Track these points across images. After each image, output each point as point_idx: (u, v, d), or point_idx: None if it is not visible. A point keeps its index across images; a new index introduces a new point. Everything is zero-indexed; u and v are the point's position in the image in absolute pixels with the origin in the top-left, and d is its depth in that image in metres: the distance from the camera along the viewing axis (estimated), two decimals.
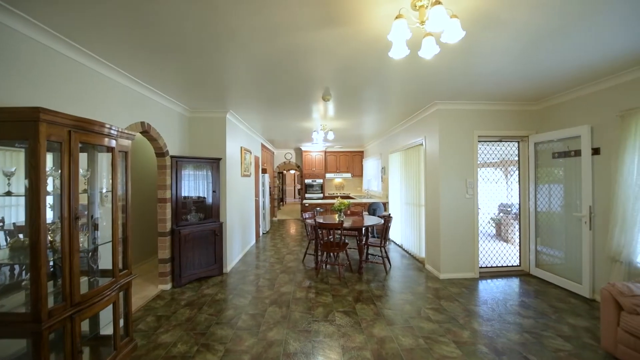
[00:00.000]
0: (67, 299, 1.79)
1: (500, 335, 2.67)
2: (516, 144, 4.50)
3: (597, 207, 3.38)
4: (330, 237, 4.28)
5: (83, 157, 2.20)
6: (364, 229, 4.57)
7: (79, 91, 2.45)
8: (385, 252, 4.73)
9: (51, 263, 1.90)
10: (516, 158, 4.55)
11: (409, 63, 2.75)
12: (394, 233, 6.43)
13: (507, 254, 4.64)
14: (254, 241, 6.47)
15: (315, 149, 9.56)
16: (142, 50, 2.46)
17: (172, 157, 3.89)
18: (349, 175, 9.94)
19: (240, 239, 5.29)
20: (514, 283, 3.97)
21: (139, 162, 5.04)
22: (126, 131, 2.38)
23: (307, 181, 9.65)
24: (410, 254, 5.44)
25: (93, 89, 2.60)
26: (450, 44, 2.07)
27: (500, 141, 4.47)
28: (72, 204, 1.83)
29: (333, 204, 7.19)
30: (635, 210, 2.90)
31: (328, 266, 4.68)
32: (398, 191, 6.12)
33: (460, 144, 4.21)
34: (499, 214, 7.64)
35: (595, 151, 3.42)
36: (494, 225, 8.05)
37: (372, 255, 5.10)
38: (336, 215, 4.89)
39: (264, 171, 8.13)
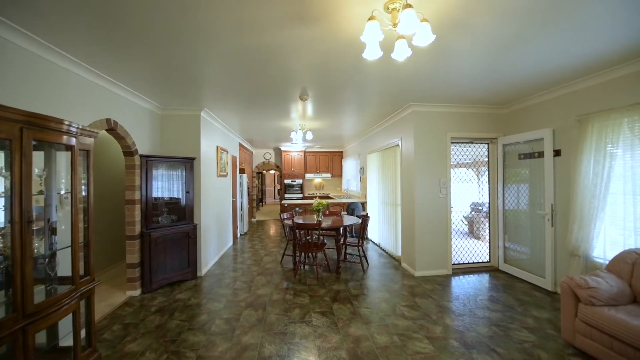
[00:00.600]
0: (18, 309, 1.65)
1: (470, 329, 2.77)
2: (486, 146, 4.71)
3: (559, 205, 3.60)
4: (308, 237, 4.26)
5: (39, 156, 2.05)
6: (341, 229, 4.59)
7: (34, 85, 2.26)
8: (363, 251, 4.79)
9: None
10: (487, 159, 4.76)
11: (384, 65, 2.79)
12: (372, 232, 6.52)
13: (478, 250, 4.84)
14: (231, 243, 6.32)
15: (294, 149, 9.51)
16: (107, 43, 2.32)
17: (141, 156, 3.71)
18: (328, 175, 9.97)
19: (216, 241, 5.15)
20: (484, 278, 4.15)
21: (108, 161, 4.77)
22: (88, 128, 2.24)
23: (286, 181, 9.57)
24: (387, 252, 5.54)
25: (51, 83, 2.42)
26: (421, 47, 2.12)
27: (472, 142, 4.65)
28: (24, 207, 1.68)
29: (312, 204, 7.19)
30: (591, 208, 3.11)
31: (306, 267, 4.66)
32: (376, 191, 6.21)
33: (434, 145, 4.34)
34: (471, 212, 7.97)
35: (557, 153, 3.64)
36: (466, 223, 8.40)
37: (351, 254, 5.14)
38: (315, 216, 4.88)
39: (242, 171, 7.97)
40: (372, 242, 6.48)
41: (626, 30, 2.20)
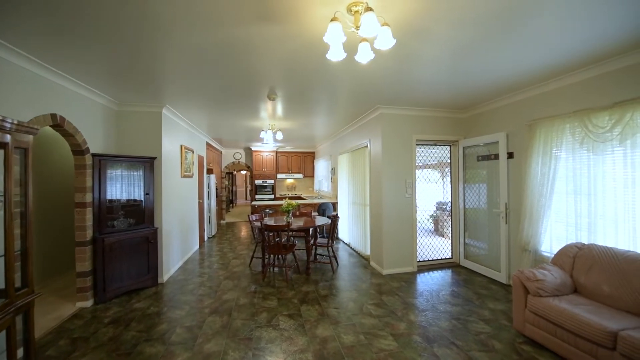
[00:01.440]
0: None
1: (432, 324, 2.88)
2: (449, 148, 4.94)
3: (512, 204, 3.87)
4: (277, 239, 4.19)
5: None
6: (311, 229, 4.58)
7: None
8: (333, 251, 4.81)
9: None
10: (449, 160, 5.00)
11: (350, 67, 2.82)
12: (343, 232, 6.59)
13: (442, 247, 5.07)
14: (197, 247, 6.06)
15: (266, 149, 9.35)
16: (51, 30, 2.11)
17: (94, 155, 3.43)
18: (300, 176, 9.93)
19: (179, 245, 4.90)
20: (447, 274, 4.35)
21: (59, 161, 4.35)
22: (27, 124, 2.02)
23: (257, 182, 9.38)
24: (357, 252, 5.62)
25: None
26: (384, 50, 2.17)
27: (435, 145, 4.86)
28: None
29: (282, 205, 7.11)
30: (539, 206, 3.38)
31: (276, 269, 4.59)
32: (346, 191, 6.28)
33: (401, 146, 4.48)
34: (437, 211, 8.36)
35: (510, 155, 3.91)
36: (432, 221, 8.78)
37: (321, 255, 5.14)
38: (285, 217, 4.82)
39: (210, 171, 7.69)
40: (343, 242, 6.55)
41: (571, 42, 2.41)
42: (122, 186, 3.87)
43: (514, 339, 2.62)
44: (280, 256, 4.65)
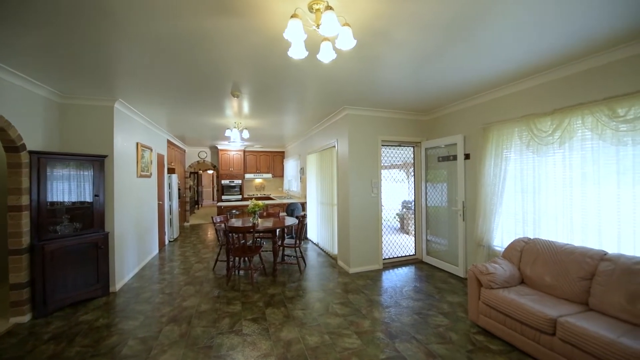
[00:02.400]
0: None
1: (395, 319, 2.96)
2: (412, 148, 5.13)
3: (468, 202, 4.10)
4: (242, 241, 4.06)
5: None
6: (278, 230, 4.50)
7: None
8: (301, 252, 4.78)
9: None
10: (413, 161, 5.19)
11: (314, 66, 2.80)
12: (312, 232, 6.58)
13: (406, 244, 5.25)
14: (156, 251, 5.70)
15: (233, 147, 9.06)
16: None
17: (31, 152, 3.07)
18: (269, 175, 9.76)
19: (135, 250, 4.57)
20: (410, 270, 4.51)
21: None
22: None
23: (224, 182, 9.06)
24: (325, 251, 5.63)
25: None
26: (345, 51, 2.17)
27: (400, 145, 5.02)
28: None
29: (267, 204, 6.93)
30: (492, 204, 3.62)
31: (241, 272, 4.45)
32: (315, 191, 6.28)
33: (367, 147, 4.56)
34: (402, 209, 8.67)
35: (467, 156, 4.14)
36: (398, 220, 9.09)
37: (288, 256, 5.08)
38: (251, 218, 4.70)
39: (172, 171, 7.28)
40: (312, 242, 6.54)
41: (518, 53, 2.59)
42: (67, 187, 3.51)
43: (469, 329, 2.77)
44: (246, 259, 4.52)
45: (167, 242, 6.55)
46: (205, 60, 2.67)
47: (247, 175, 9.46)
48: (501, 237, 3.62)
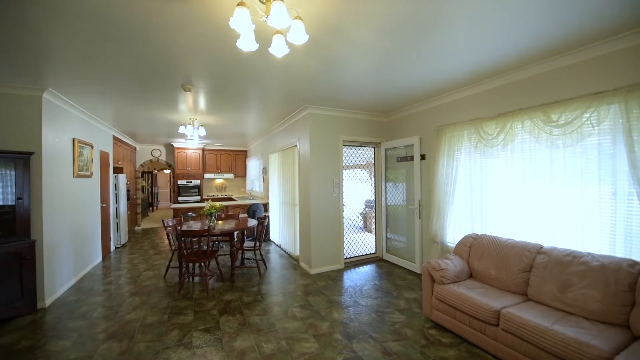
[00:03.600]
0: None
1: (353, 319, 2.95)
2: (373, 149, 5.22)
3: (424, 200, 4.27)
4: (197, 246, 3.81)
5: None
6: (236, 233, 4.30)
7: None
8: (261, 254, 4.62)
9: None
10: (374, 161, 5.29)
11: (270, 62, 2.70)
12: (274, 233, 6.43)
13: (368, 243, 5.33)
14: (99, 259, 5.15)
15: (190, 145, 8.54)
16: None
17: None
18: (231, 175, 9.38)
19: (71, 259, 4.07)
20: (371, 269, 4.58)
21: None
22: None
23: (180, 182, 8.51)
24: (287, 253, 5.52)
25: None
26: (298, 45, 2.10)
27: (361, 146, 5.08)
28: None
29: (227, 205, 6.58)
30: (445, 203, 3.79)
31: (196, 279, 4.18)
32: (277, 191, 6.14)
33: (328, 146, 4.54)
34: (365, 208, 8.86)
35: (423, 157, 4.31)
36: (361, 218, 9.26)
37: (248, 259, 4.89)
38: (207, 220, 4.43)
39: (119, 170, 6.66)
40: (274, 243, 6.38)
41: (471, 59, 2.72)
42: None
43: (423, 324, 2.86)
44: (201, 264, 4.25)
45: (113, 248, 5.96)
46: (150, 49, 2.43)
47: (207, 175, 8.99)
48: (453, 234, 3.81)
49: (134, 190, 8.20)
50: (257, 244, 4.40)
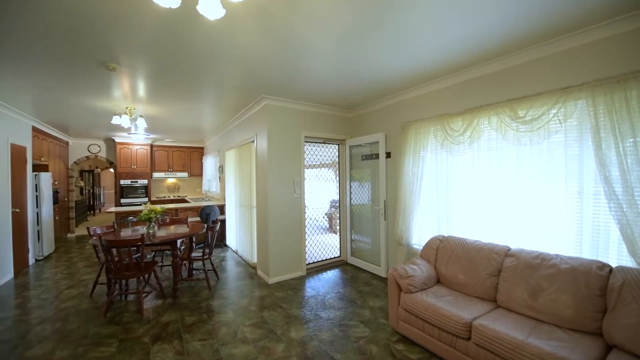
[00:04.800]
0: None
1: (313, 338, 2.60)
2: (337, 146, 4.92)
3: (390, 200, 4.05)
4: (128, 258, 3.19)
5: None
6: (180, 241, 3.72)
7: None
8: (212, 264, 4.08)
9: None
10: (338, 159, 4.99)
11: (214, 39, 2.24)
12: (231, 238, 5.87)
13: (333, 245, 5.03)
14: (9, 276, 4.22)
15: (135, 141, 7.59)
16: None
17: None
18: (185, 174, 8.55)
19: None
20: (335, 274, 4.27)
21: None
22: None
23: (124, 182, 7.53)
24: (244, 260, 5.02)
25: None
26: (241, 12, 1.69)
27: (325, 143, 4.75)
28: None
29: (167, 209, 5.82)
30: (411, 202, 3.59)
31: (131, 296, 3.53)
32: (233, 192, 5.59)
33: (289, 143, 4.14)
34: (331, 209, 8.59)
35: (388, 155, 4.09)
36: (327, 219, 8.99)
37: (198, 270, 4.32)
38: (146, 227, 3.79)
39: (42, 168, 5.64)
40: (231, 249, 5.82)
41: (437, 49, 2.49)
42: None
43: (390, 338, 2.59)
44: (137, 279, 3.61)
45: (32, 261, 4.99)
46: (58, 9, 1.84)
47: (156, 174, 8.09)
48: (419, 236, 3.63)
49: (65, 192, 7.09)
50: (207, 252, 3.86)
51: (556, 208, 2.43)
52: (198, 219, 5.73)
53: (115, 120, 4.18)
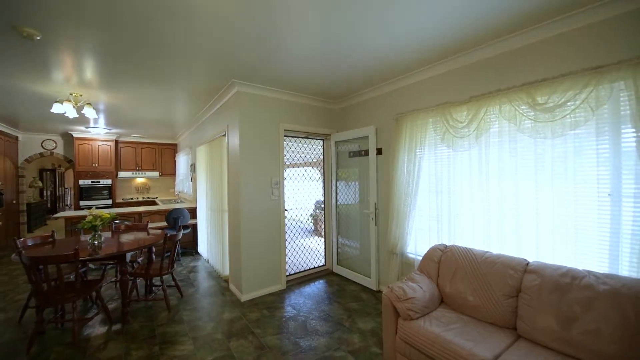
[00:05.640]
0: None
1: None
2: (322, 142, 4.41)
3: (381, 203, 3.58)
4: (59, 277, 2.54)
5: None
6: (130, 255, 3.09)
7: None
8: (174, 279, 3.47)
9: None
10: (323, 156, 4.48)
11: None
12: (203, 246, 5.23)
13: (318, 250, 4.51)
14: None
15: (97, 136, 6.79)
16: None
17: None
18: (156, 174, 7.79)
19: None
20: (319, 287, 3.75)
21: None
22: None
23: (83, 183, 6.71)
24: (216, 271, 4.41)
25: None
26: None
27: (308, 137, 4.22)
28: None
29: (138, 212, 5.12)
30: (406, 206, 3.12)
31: (67, 323, 2.88)
32: (204, 194, 4.96)
33: (265, 137, 3.59)
34: (316, 210, 8.08)
35: (379, 151, 3.61)
36: (312, 221, 8.48)
37: (157, 287, 3.68)
38: (90, 237, 3.14)
39: None
40: (203, 258, 5.19)
41: (437, 24, 2.01)
42: None
43: None
44: (74, 303, 2.96)
45: None
46: None
47: (122, 174, 7.31)
48: (415, 244, 3.17)
49: (13, 193, 6.22)
50: (168, 266, 3.25)
51: (584, 213, 2.01)
52: (164, 224, 5.06)
53: (56, 108, 3.48)
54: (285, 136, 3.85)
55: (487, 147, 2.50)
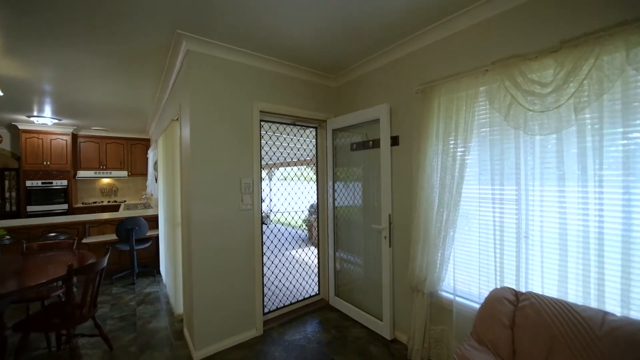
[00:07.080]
0: None
1: None
2: (314, 130, 3.33)
3: (398, 216, 2.50)
4: None
5: None
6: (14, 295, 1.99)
7: None
8: (97, 326, 2.37)
9: None
10: (316, 150, 3.40)
11: None
12: (163, 266, 4.13)
13: (310, 268, 3.43)
14: None
15: (46, 128, 5.67)
16: None
17: None
18: (124, 173, 6.68)
19: None
20: (310, 333, 2.66)
21: None
22: None
23: (31, 184, 5.59)
24: (171, 307, 3.30)
25: None
26: None
27: (295, 124, 3.14)
28: None
29: (81, 222, 4.03)
30: (440, 222, 2.05)
31: None
32: (162, 199, 3.86)
33: (231, 120, 2.50)
34: (310, 215, 6.99)
35: (394, 141, 2.53)
36: (306, 227, 7.38)
37: (79, 337, 2.57)
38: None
39: None
40: (164, 283, 4.09)
41: None
42: None
43: None
44: None
45: None
46: None
47: (83, 173, 6.19)
48: (453, 278, 2.09)
49: None
50: (88, 307, 2.16)
51: None
52: (114, 237, 3.96)
53: None
54: (263, 121, 2.77)
55: (600, 124, 1.43)
